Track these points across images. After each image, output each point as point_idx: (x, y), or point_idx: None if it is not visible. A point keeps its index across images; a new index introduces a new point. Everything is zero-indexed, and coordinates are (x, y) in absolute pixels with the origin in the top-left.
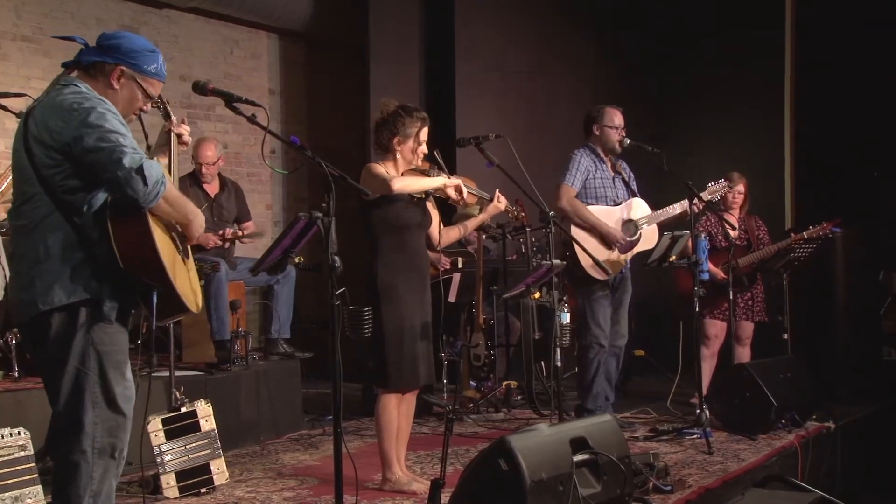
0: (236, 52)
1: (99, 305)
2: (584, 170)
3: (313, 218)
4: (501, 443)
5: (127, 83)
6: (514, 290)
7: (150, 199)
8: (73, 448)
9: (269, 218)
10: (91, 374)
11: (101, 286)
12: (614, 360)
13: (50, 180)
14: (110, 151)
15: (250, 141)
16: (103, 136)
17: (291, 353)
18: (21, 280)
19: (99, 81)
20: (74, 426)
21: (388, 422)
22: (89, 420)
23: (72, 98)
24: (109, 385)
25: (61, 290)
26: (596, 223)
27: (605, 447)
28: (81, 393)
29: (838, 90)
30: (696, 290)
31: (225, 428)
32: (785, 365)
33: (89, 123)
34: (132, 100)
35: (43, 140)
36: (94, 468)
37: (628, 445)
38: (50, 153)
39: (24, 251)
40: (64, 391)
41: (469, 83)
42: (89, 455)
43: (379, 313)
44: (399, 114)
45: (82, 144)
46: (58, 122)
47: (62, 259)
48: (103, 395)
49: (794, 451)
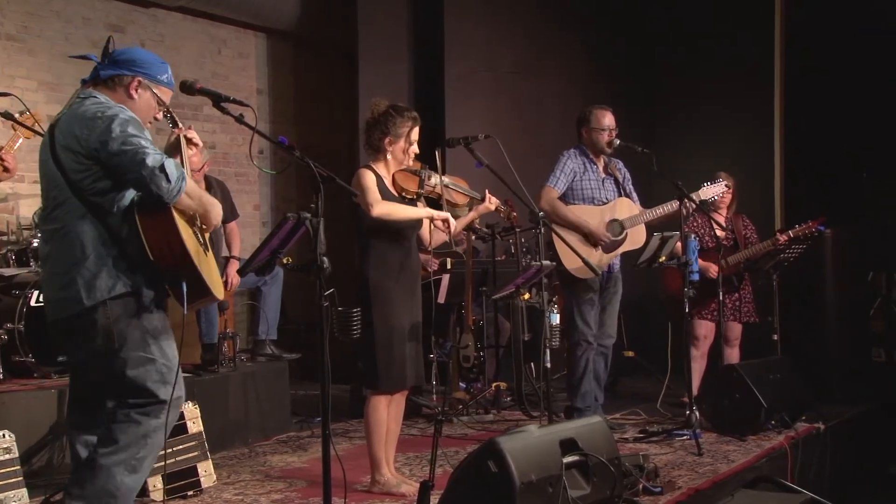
0: (224, 51)
1: (139, 296)
2: (570, 171)
3: (301, 218)
4: (491, 444)
5: (143, 92)
6: (503, 290)
7: (174, 194)
8: (157, 412)
9: (258, 218)
10: (154, 355)
11: (137, 278)
12: (602, 360)
13: (80, 184)
14: (134, 153)
15: (238, 141)
16: (126, 140)
17: (279, 355)
18: (60, 280)
19: (118, 92)
20: (148, 398)
21: (377, 423)
22: (162, 393)
23: (94, 108)
24: (167, 355)
25: (103, 285)
26: (577, 222)
27: (595, 449)
28: (147, 374)
29: (828, 91)
30: (686, 290)
31: (212, 430)
32: (774, 366)
33: (112, 129)
34: (149, 108)
35: (71, 147)
36: (171, 417)
37: (618, 447)
38: (79, 159)
39: (60, 253)
40: (130, 376)
41: (458, 83)
42: (166, 413)
43: (369, 314)
44: (390, 114)
45: (108, 149)
46: (83, 130)
47: (98, 257)
48: (166, 364)
49: (784, 452)
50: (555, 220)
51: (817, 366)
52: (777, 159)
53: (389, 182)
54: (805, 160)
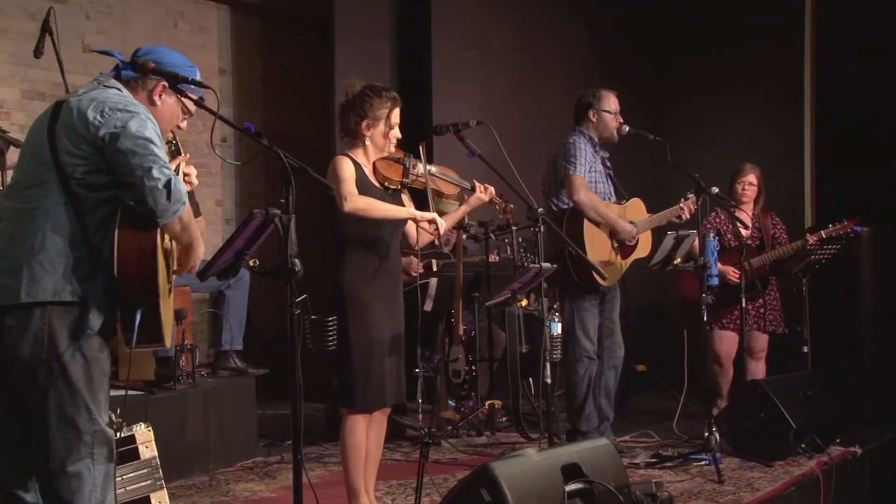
0: (181, 25)
1: (85, 311)
2: (589, 159)
3: (270, 215)
4: (484, 470)
5: (168, 99)
6: (497, 296)
7: (168, 215)
8: (71, 458)
9: (220, 215)
10: (78, 380)
11: (92, 292)
12: (613, 374)
13: (68, 169)
14: (142, 158)
15: (198, 128)
16: (139, 143)
17: (244, 369)
18: (4, 264)
19: (140, 96)
20: (68, 434)
21: (355, 446)
22: (86, 426)
23: (116, 98)
24: (95, 390)
25: (50, 286)
26: (613, 219)
27: (602, 475)
28: (75, 397)
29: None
30: (705, 296)
31: (168, 455)
32: (805, 381)
33: (129, 126)
34: (172, 116)
35: (75, 128)
36: (96, 474)
37: (627, 473)
38: (79, 144)
39: (16, 236)
40: (52, 396)
41: (447, 63)
42: (89, 462)
43: (345, 323)
44: (366, 94)
45: (116, 144)
46: (97, 116)
47: (57, 253)
48: (92, 399)
49: (816, 480)
50: (590, 216)
51: (853, 382)
52: (807, 150)
53: (370, 171)
54: (839, 151)
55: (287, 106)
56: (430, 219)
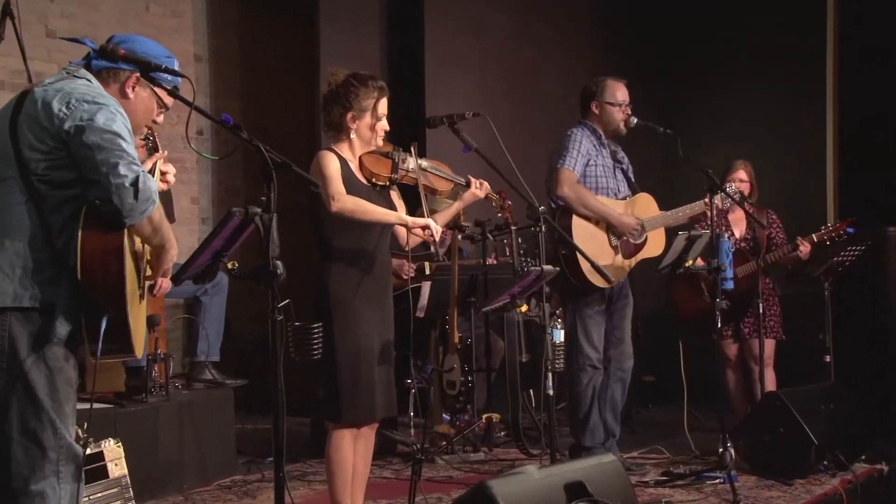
0: (153, 8)
1: (49, 318)
2: (585, 152)
3: (250, 214)
4: (481, 489)
5: (141, 92)
6: (495, 301)
7: (136, 215)
8: (35, 476)
9: (196, 214)
10: (41, 391)
11: (56, 297)
12: (620, 387)
13: (31, 164)
14: (109, 153)
15: (172, 119)
16: (106, 137)
17: (222, 381)
18: None
19: (111, 88)
20: (31, 450)
21: (341, 463)
22: (50, 442)
23: (84, 89)
24: (61, 402)
25: (10, 290)
26: (607, 213)
27: (608, 494)
28: (38, 410)
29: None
30: (718, 301)
31: (139, 473)
32: (827, 393)
33: (96, 119)
34: (147, 110)
35: (39, 121)
36: (62, 494)
37: (636, 492)
38: (43, 137)
39: None
40: (13, 409)
41: (441, 50)
42: (55, 481)
43: (330, 330)
44: (351, 84)
45: (82, 138)
46: (62, 108)
47: (17, 254)
48: (58, 414)
49: (840, 499)
50: (577, 210)
51: (879, 393)
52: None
53: (356, 166)
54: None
55: (268, 96)
56: (423, 224)
